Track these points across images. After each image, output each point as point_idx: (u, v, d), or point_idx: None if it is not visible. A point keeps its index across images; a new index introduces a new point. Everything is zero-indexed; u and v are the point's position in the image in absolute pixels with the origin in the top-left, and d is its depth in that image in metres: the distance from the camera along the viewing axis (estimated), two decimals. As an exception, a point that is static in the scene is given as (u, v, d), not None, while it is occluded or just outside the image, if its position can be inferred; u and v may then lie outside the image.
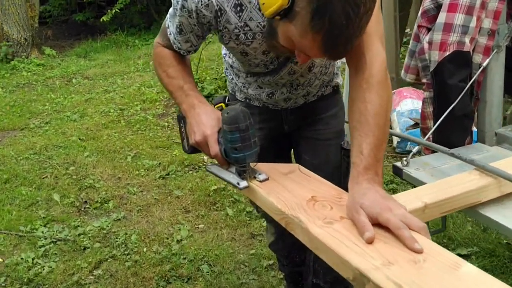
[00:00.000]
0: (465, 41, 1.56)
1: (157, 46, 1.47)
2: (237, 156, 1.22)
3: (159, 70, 1.46)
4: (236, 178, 1.28)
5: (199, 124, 1.31)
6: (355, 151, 1.14)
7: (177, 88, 1.40)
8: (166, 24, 1.42)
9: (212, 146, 1.28)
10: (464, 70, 1.59)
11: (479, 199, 1.28)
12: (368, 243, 0.99)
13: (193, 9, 1.29)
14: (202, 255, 2.68)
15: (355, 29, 1.03)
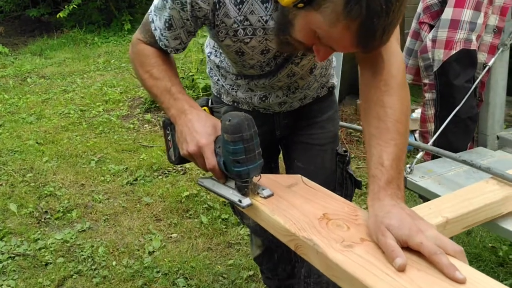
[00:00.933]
0: (472, 39, 1.46)
1: (138, 43, 1.27)
2: (239, 170, 1.05)
3: (141, 70, 1.27)
4: (237, 195, 1.11)
5: (192, 133, 1.14)
6: (374, 162, 1.00)
7: (164, 91, 1.22)
8: (150, 18, 1.23)
9: (208, 158, 1.11)
10: (470, 70, 1.49)
11: (501, 211, 1.17)
12: (399, 271, 0.86)
13: (188, 1, 1.12)
14: (177, 267, 2.50)
15: (395, 15, 0.89)
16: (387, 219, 0.92)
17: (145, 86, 1.28)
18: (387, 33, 0.92)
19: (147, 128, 4.38)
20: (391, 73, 1.06)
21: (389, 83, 1.05)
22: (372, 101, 1.06)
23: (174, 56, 1.33)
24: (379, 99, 1.05)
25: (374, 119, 1.04)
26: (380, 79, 1.06)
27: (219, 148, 1.10)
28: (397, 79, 1.06)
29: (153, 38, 1.24)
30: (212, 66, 1.53)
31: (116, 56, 7.03)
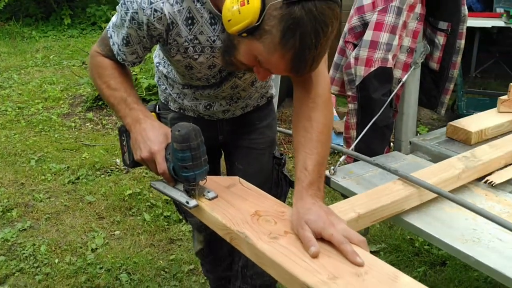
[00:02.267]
0: (388, 58, 1.67)
1: (96, 55, 1.38)
2: (187, 175, 1.19)
3: (99, 81, 1.38)
4: (185, 197, 1.25)
5: (145, 140, 1.26)
6: (300, 166, 1.18)
7: (120, 101, 1.34)
8: (109, 34, 1.34)
9: (160, 163, 1.24)
10: (387, 84, 1.71)
11: (403, 208, 1.38)
12: (313, 257, 1.04)
13: (144, 22, 1.24)
14: (120, 263, 2.59)
15: (322, 47, 1.07)
16: (307, 215, 1.10)
17: (102, 95, 1.40)
18: (316, 62, 1.10)
19: (89, 127, 4.38)
20: (318, 92, 1.25)
21: (316, 101, 1.24)
22: (301, 115, 1.25)
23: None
24: (306, 114, 1.24)
25: (301, 130, 1.23)
26: (309, 97, 1.25)
27: (169, 155, 1.23)
28: (323, 98, 1.25)
29: (110, 52, 1.35)
30: (160, 75, 1.65)
31: (55, 52, 6.88)
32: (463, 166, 1.51)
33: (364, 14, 1.70)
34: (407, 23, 1.69)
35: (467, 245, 1.27)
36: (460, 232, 1.32)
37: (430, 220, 1.39)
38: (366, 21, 1.69)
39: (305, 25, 1.01)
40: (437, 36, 1.80)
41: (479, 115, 1.95)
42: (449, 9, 1.73)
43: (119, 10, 1.28)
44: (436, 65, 1.86)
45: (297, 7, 1.00)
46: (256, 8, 1.02)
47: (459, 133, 1.82)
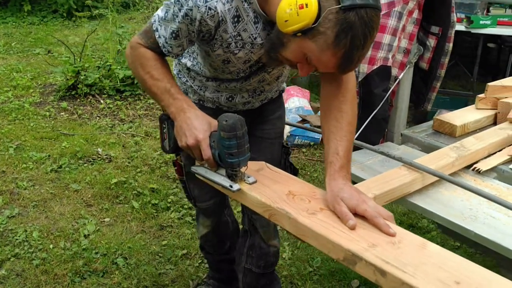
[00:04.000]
0: (389, 57, 1.86)
1: (138, 47, 1.46)
2: (232, 161, 1.31)
3: (142, 71, 1.46)
4: (228, 181, 1.36)
5: (191, 129, 1.36)
6: (331, 152, 1.34)
7: (163, 91, 1.43)
8: (154, 27, 1.42)
9: (204, 150, 1.35)
10: (386, 81, 1.89)
11: (409, 190, 1.57)
12: (351, 229, 1.19)
13: (198, 18, 1.33)
14: (114, 248, 2.66)
15: (367, 48, 1.22)
16: (341, 193, 1.26)
17: (144, 85, 1.48)
18: (360, 61, 1.26)
19: (64, 116, 4.35)
20: (348, 87, 1.41)
21: (346, 95, 1.41)
22: (332, 107, 1.40)
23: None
24: (337, 106, 1.39)
25: (333, 120, 1.38)
26: (339, 91, 1.40)
27: (213, 142, 1.34)
28: (351, 92, 1.42)
29: (154, 44, 1.44)
30: (180, 68, 1.74)
31: (17, 39, 6.69)
32: (456, 155, 1.72)
33: (369, 17, 1.87)
34: (406, 27, 1.88)
35: (467, 221, 1.47)
36: (459, 211, 1.52)
37: (432, 202, 1.58)
38: (371, 23, 1.86)
39: (356, 29, 1.15)
40: (428, 39, 2.00)
41: (461, 111, 2.18)
42: (441, 15, 1.93)
43: (171, 6, 1.37)
44: (426, 65, 2.07)
45: (352, 13, 1.14)
46: (314, 12, 1.15)
47: (445, 127, 2.04)
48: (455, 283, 1.01)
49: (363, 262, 1.09)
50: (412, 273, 1.03)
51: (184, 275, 2.52)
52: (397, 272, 1.04)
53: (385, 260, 1.07)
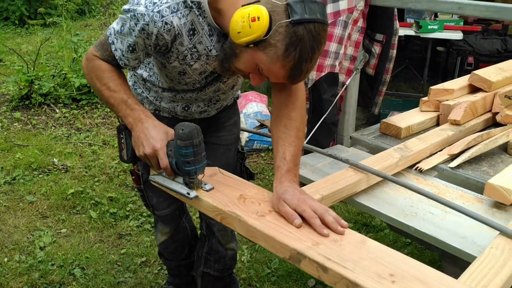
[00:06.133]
0: (336, 65, 1.94)
1: (94, 59, 1.48)
2: (189, 169, 1.34)
3: (98, 83, 1.48)
4: (185, 188, 1.39)
5: (148, 138, 1.39)
6: (279, 157, 1.40)
7: (120, 102, 1.45)
8: (110, 40, 1.44)
9: (162, 159, 1.38)
10: (334, 87, 1.97)
11: (355, 190, 1.65)
12: (298, 227, 1.25)
13: (154, 33, 1.36)
14: (71, 259, 2.64)
15: (315, 60, 1.28)
16: (284, 194, 1.32)
17: (102, 97, 1.50)
18: (309, 72, 1.32)
19: (18, 127, 4.26)
20: (297, 96, 1.49)
21: (295, 103, 1.47)
22: (281, 115, 1.47)
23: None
24: (287, 113, 1.46)
25: (282, 127, 1.45)
26: (289, 99, 1.47)
27: (170, 151, 1.37)
28: (300, 101, 1.49)
29: (111, 57, 1.45)
30: (136, 79, 1.76)
31: (-34, 48, 6.49)
32: (399, 156, 1.81)
33: (315, 26, 1.95)
34: (351, 35, 1.97)
35: (407, 218, 1.56)
36: (401, 209, 1.61)
37: (377, 201, 1.67)
38: (317, 32, 1.94)
39: (305, 42, 1.22)
40: (373, 46, 2.10)
41: (406, 114, 2.29)
42: (384, 24, 2.04)
43: (127, 20, 1.38)
44: (372, 71, 2.17)
45: (301, 27, 1.20)
46: (265, 25, 1.20)
47: (390, 129, 2.14)
48: (389, 275, 1.08)
49: (307, 259, 1.15)
50: (352, 268, 1.10)
51: (143, 282, 2.52)
52: (337, 267, 1.10)
53: (327, 257, 1.14)
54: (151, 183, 1.54)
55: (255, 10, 1.23)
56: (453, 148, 1.93)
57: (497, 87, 2.27)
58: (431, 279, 1.08)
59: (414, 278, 1.08)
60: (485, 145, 1.91)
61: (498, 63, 2.52)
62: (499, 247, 1.28)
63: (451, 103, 2.21)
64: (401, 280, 1.07)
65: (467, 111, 2.12)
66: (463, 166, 1.87)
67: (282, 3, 1.23)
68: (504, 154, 1.99)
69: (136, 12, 1.37)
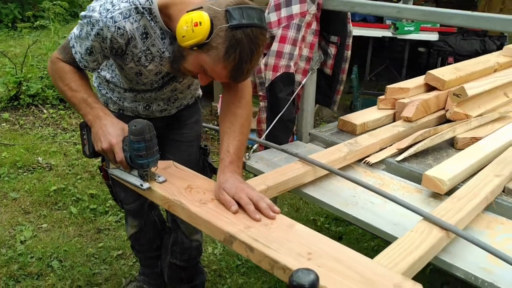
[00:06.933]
0: (290, 65, 2.06)
1: (58, 61, 1.60)
2: (142, 162, 1.46)
3: (61, 84, 1.60)
4: (139, 181, 1.52)
5: (105, 134, 1.51)
6: (223, 150, 1.52)
7: (81, 101, 1.57)
8: (71, 44, 1.57)
9: (117, 153, 1.50)
10: (290, 86, 2.09)
11: (302, 182, 1.77)
12: (234, 213, 1.37)
13: (109, 37, 1.48)
14: (50, 252, 2.75)
15: (255, 62, 1.40)
16: (224, 183, 1.45)
17: (65, 96, 1.63)
18: (249, 72, 1.44)
19: (6, 127, 4.38)
20: (243, 95, 1.61)
21: (241, 101, 1.60)
22: (228, 111, 1.60)
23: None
24: (233, 110, 1.59)
25: (227, 122, 1.58)
26: (236, 98, 1.60)
27: (126, 146, 1.49)
28: (246, 99, 1.62)
29: (72, 59, 1.58)
30: (101, 81, 1.88)
31: (-41, 50, 6.61)
32: (348, 150, 1.93)
33: (272, 29, 2.07)
34: (306, 37, 2.09)
35: (348, 207, 1.68)
36: (343, 199, 1.73)
37: (323, 192, 1.79)
38: (273, 35, 2.06)
39: (243, 45, 1.33)
40: (329, 47, 2.22)
41: (363, 111, 2.41)
42: (337, 26, 2.16)
43: (84, 26, 1.51)
44: (329, 70, 2.29)
45: (239, 31, 1.32)
46: (207, 29, 1.32)
47: (347, 126, 2.26)
48: (308, 254, 1.20)
49: (237, 241, 1.27)
50: (276, 248, 1.22)
51: (117, 273, 2.64)
52: (263, 248, 1.23)
53: (255, 239, 1.26)
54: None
55: (197, 15, 1.35)
56: (401, 143, 2.05)
57: (450, 86, 2.39)
58: (346, 257, 1.21)
59: (330, 256, 1.20)
60: (432, 140, 2.03)
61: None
62: (418, 231, 1.40)
63: (406, 101, 2.33)
64: (317, 258, 1.19)
65: (419, 108, 2.25)
66: (409, 159, 1.99)
67: (222, 9, 1.35)
68: (451, 148, 2.11)
69: (91, 18, 1.49)
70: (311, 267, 1.12)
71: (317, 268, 1.14)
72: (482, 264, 1.36)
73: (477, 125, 2.18)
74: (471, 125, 2.16)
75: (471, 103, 2.28)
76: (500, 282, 1.29)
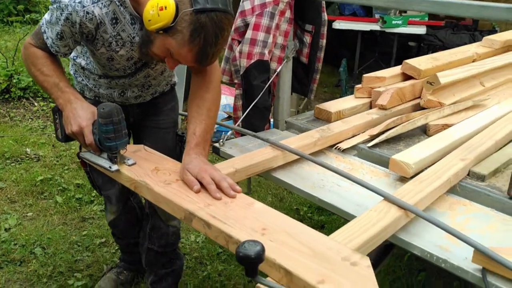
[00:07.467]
0: (265, 53, 2.09)
1: (30, 47, 1.63)
2: (110, 144, 1.49)
3: (33, 68, 1.63)
4: (108, 163, 1.55)
5: (75, 117, 1.54)
6: (190, 133, 1.56)
7: (53, 85, 1.60)
8: (42, 30, 1.60)
9: (87, 136, 1.53)
10: (264, 74, 2.12)
11: (271, 166, 1.80)
12: (196, 193, 1.41)
13: (78, 22, 1.51)
14: (33, 239, 2.79)
15: (221, 45, 1.43)
16: (188, 165, 1.48)
17: (36, 81, 1.66)
18: (215, 56, 1.47)
19: (-5, 118, 4.42)
20: (211, 79, 1.65)
21: (208, 85, 1.64)
22: (196, 95, 1.63)
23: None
24: (200, 94, 1.63)
25: (195, 106, 1.61)
26: (203, 82, 1.64)
27: (95, 129, 1.52)
28: (214, 84, 1.65)
29: (44, 45, 1.61)
30: (76, 68, 1.91)
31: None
32: (319, 136, 1.96)
33: (246, 17, 2.10)
34: (280, 25, 2.12)
35: (315, 190, 1.71)
36: (312, 182, 1.76)
37: (293, 176, 1.82)
38: (247, 23, 2.09)
39: (208, 29, 1.36)
40: (305, 36, 2.25)
41: (340, 100, 2.44)
42: (312, 15, 2.18)
43: (54, 11, 1.54)
44: (305, 59, 2.31)
45: (203, 15, 1.35)
46: (172, 13, 1.35)
47: (322, 113, 2.29)
48: (262, 229, 1.24)
49: (196, 218, 1.31)
50: (232, 224, 1.26)
51: (99, 260, 2.68)
52: (219, 224, 1.26)
53: (213, 216, 1.29)
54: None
55: (163, 0, 1.38)
56: (373, 130, 2.08)
57: (426, 75, 2.42)
58: (300, 232, 1.24)
59: (284, 231, 1.24)
60: (403, 127, 2.06)
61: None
62: (377, 210, 1.43)
63: (382, 89, 2.35)
64: (271, 233, 1.23)
65: (394, 96, 2.27)
66: (381, 146, 2.01)
67: None
68: (424, 135, 2.14)
69: (61, 3, 1.52)
70: (263, 241, 1.15)
71: (269, 242, 1.18)
72: (438, 243, 1.39)
73: (450, 112, 2.20)
74: (444, 112, 2.19)
75: (446, 91, 2.31)
76: (453, 259, 1.32)
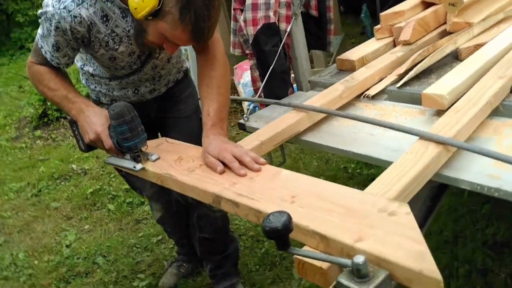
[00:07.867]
0: (270, 15, 1.97)
1: (32, 65, 1.62)
2: (129, 144, 1.45)
3: (40, 86, 1.62)
4: (132, 163, 1.51)
5: (90, 125, 1.52)
6: (204, 114, 1.51)
7: (62, 98, 1.58)
8: (39, 45, 1.57)
9: (105, 141, 1.50)
10: (274, 37, 2.01)
11: (298, 129, 1.71)
12: (220, 174, 1.35)
13: (68, 28, 1.47)
14: (94, 250, 2.86)
15: (214, 18, 1.36)
16: (208, 147, 1.43)
17: (46, 97, 1.65)
18: (211, 31, 1.39)
19: (40, 143, 4.56)
20: (215, 56, 1.58)
21: (214, 62, 1.57)
22: (203, 75, 1.57)
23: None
24: (207, 73, 1.56)
25: (204, 86, 1.55)
26: (208, 60, 1.57)
27: (112, 132, 1.49)
28: (219, 60, 1.58)
29: (44, 60, 1.58)
30: (87, 77, 1.88)
31: (-10, 82, 6.92)
32: (343, 88, 1.85)
33: (243, -17, 2.00)
34: (281, -18, 1.99)
35: (347, 144, 1.61)
36: (343, 137, 1.66)
37: (323, 135, 1.72)
38: (246, -12, 1.98)
39: (196, 3, 1.29)
40: (308, -13, 2.12)
41: (360, 46, 2.29)
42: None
43: (43, 23, 1.51)
44: (315, 12, 2.18)
45: None
46: None
47: (345, 64, 2.16)
48: (291, 197, 1.16)
49: (224, 200, 1.25)
50: (258, 199, 1.19)
51: (159, 258, 2.71)
52: (246, 201, 1.20)
53: (240, 194, 1.23)
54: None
55: None
56: (400, 68, 1.94)
57: (448, -3, 2.23)
58: (331, 193, 1.16)
59: (314, 195, 1.16)
60: (431, 58, 1.91)
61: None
62: (413, 151, 1.32)
63: (403, 24, 2.19)
64: (301, 199, 1.15)
65: (416, 28, 2.11)
66: (411, 83, 1.88)
67: None
68: (456, 61, 1.97)
69: (47, 14, 1.49)
70: (294, 209, 1.09)
71: (300, 209, 1.11)
72: (487, 172, 1.27)
73: (481, 30, 2.02)
74: (473, 32, 2.01)
75: (472, 9, 2.12)
76: (506, 186, 1.20)
